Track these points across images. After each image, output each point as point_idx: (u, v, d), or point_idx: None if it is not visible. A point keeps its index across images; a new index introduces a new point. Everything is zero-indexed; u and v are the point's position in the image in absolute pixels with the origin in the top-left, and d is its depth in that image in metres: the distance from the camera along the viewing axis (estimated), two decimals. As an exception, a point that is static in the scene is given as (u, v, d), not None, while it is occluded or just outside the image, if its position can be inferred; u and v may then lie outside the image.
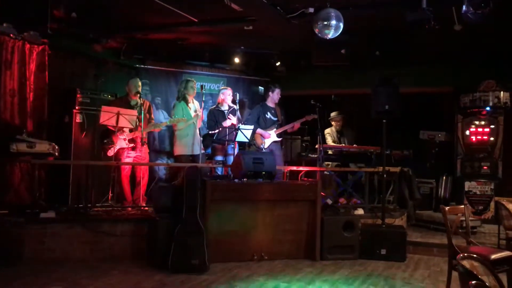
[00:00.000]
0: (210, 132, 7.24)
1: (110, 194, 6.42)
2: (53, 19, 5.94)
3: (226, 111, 7.25)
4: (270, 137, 7.39)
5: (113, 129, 6.40)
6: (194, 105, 7.15)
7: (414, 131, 8.63)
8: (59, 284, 4.53)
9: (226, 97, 7.27)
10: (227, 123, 7.05)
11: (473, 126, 8.08)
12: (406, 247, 6.08)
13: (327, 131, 8.25)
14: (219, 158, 7.23)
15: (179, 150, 7.07)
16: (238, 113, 7.25)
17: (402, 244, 6.02)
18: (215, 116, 7.23)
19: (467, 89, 8.08)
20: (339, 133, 8.21)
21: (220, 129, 7.04)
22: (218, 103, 7.36)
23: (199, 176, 5.42)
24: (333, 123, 8.27)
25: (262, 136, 7.36)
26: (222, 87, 7.77)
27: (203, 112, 7.12)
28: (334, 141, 8.11)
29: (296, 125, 7.50)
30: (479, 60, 8.07)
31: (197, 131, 7.00)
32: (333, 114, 8.23)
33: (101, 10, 6.43)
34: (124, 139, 6.53)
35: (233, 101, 7.24)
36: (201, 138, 6.96)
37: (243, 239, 5.69)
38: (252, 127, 7.00)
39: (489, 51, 7.73)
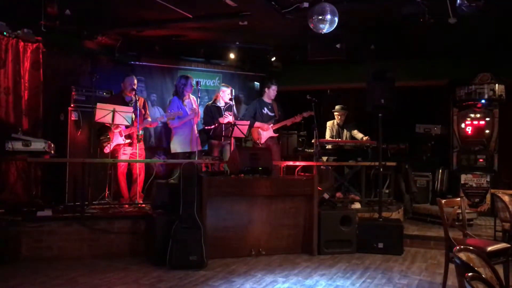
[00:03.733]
0: (206, 127, 7.23)
1: (107, 192, 6.40)
2: (46, 17, 5.91)
3: (223, 107, 7.25)
4: (268, 130, 7.40)
5: (109, 125, 6.38)
6: (191, 101, 7.11)
7: (410, 125, 8.64)
8: (56, 282, 4.53)
9: (225, 95, 7.27)
10: (223, 120, 7.03)
11: (468, 119, 8.12)
12: (403, 241, 6.10)
13: (328, 124, 8.24)
14: (216, 154, 7.23)
15: (175, 147, 7.04)
16: (234, 109, 7.24)
17: (399, 238, 6.03)
18: (212, 112, 7.23)
19: (462, 82, 8.10)
20: (340, 127, 8.20)
21: (216, 125, 7.03)
22: (215, 99, 7.36)
23: (195, 172, 5.42)
24: (336, 115, 8.24)
25: (261, 129, 7.37)
26: (223, 84, 7.73)
27: (199, 108, 7.09)
28: (332, 136, 8.11)
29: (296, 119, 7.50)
30: (474, 53, 8.08)
31: (195, 127, 6.98)
32: (337, 107, 8.20)
33: (95, 7, 6.40)
34: (121, 134, 6.51)
35: (230, 98, 7.23)
36: (197, 135, 6.94)
37: (241, 235, 5.70)
38: (248, 122, 7.00)
39: (484, 44, 7.74)
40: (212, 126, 7.12)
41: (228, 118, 7.10)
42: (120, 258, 5.43)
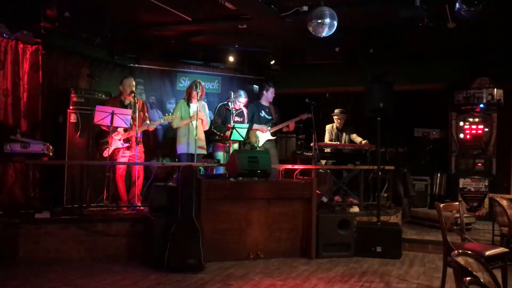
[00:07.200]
0: (213, 127, 7.22)
1: (105, 194, 6.39)
2: (46, 19, 5.91)
3: (234, 111, 7.18)
4: (265, 133, 7.40)
5: (107, 129, 6.37)
6: (196, 105, 7.04)
7: (409, 129, 8.65)
8: (53, 284, 4.51)
9: (236, 101, 7.22)
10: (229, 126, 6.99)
11: (467, 123, 8.14)
12: (401, 244, 6.09)
13: (327, 127, 8.24)
14: (218, 156, 7.23)
15: (180, 148, 7.06)
16: (245, 114, 7.29)
17: (397, 241, 6.03)
18: (224, 113, 7.26)
19: (461, 86, 8.12)
20: (339, 131, 8.20)
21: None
22: (229, 102, 7.31)
23: (194, 175, 5.41)
24: (335, 119, 8.24)
25: (260, 130, 7.38)
26: (244, 92, 7.61)
27: (203, 113, 7.08)
28: (331, 139, 8.12)
29: (291, 125, 7.55)
30: (473, 57, 8.10)
31: (195, 131, 6.91)
32: (336, 111, 8.20)
33: (94, 9, 6.41)
34: (119, 139, 6.50)
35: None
36: (197, 138, 6.92)
37: (239, 238, 5.69)
38: (246, 125, 7.00)
39: (483, 48, 7.76)
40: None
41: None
42: (118, 261, 5.42)
